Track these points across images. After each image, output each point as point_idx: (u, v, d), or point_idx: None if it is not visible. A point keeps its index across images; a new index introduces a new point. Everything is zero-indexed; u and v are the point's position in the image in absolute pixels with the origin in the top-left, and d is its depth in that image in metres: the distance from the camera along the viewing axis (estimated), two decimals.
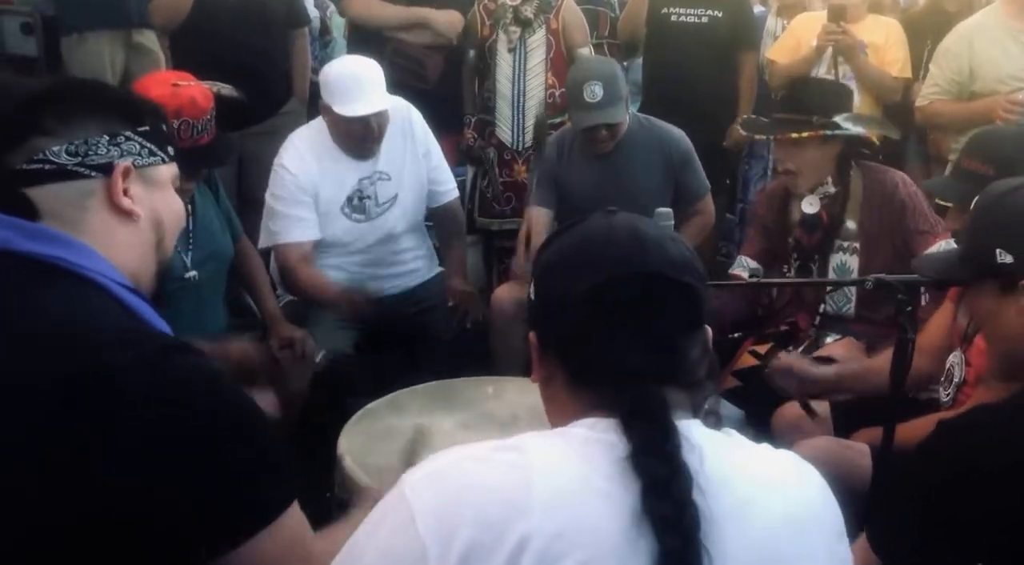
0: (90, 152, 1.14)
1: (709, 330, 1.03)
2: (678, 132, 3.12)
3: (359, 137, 2.87)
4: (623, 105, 2.98)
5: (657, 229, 1.05)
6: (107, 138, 1.15)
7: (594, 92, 2.87)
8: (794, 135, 2.53)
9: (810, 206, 2.60)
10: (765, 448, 1.02)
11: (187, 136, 2.33)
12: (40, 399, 0.98)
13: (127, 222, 1.17)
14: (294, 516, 1.08)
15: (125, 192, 1.16)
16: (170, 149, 1.23)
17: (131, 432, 0.97)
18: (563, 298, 1.00)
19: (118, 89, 1.28)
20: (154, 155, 1.20)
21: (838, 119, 2.54)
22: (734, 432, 1.01)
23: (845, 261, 2.61)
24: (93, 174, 1.14)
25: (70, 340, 1.03)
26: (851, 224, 2.59)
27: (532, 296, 1.06)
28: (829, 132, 2.52)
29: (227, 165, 2.61)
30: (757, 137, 2.70)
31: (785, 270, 2.71)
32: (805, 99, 2.65)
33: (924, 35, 3.51)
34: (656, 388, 0.95)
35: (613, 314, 0.97)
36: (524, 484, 0.89)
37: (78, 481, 0.96)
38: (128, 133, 1.17)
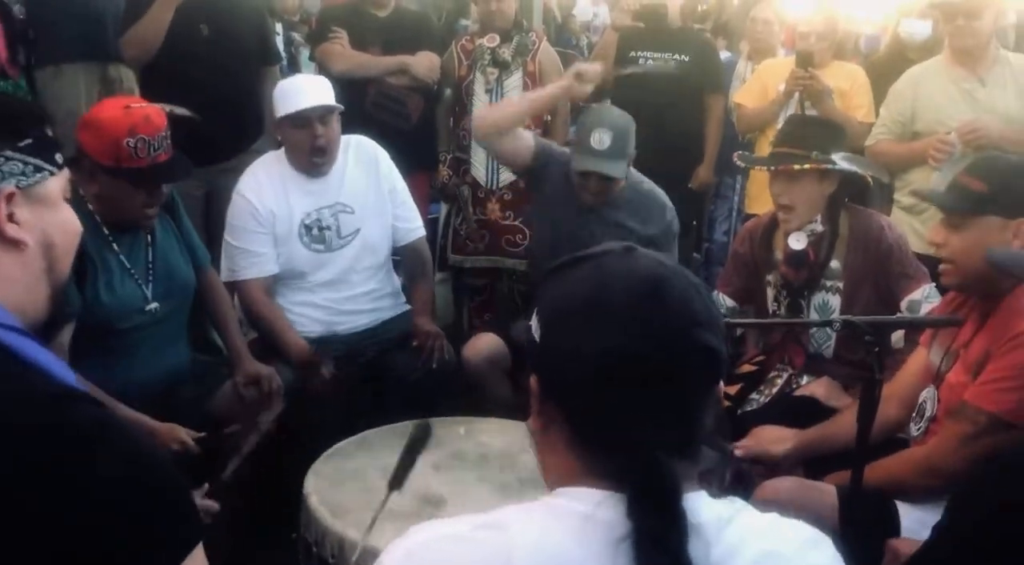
0: None
1: (721, 387, 0.96)
2: (667, 204, 3.03)
3: (306, 146, 2.87)
4: (625, 163, 2.91)
5: (681, 278, 0.93)
6: None
7: (602, 140, 2.80)
8: (796, 167, 2.52)
9: (796, 242, 2.59)
10: (773, 517, 0.96)
11: (144, 154, 2.31)
12: None
13: (12, 252, 1.04)
14: (195, 561, 0.96)
15: (11, 218, 1.03)
16: (58, 156, 1.10)
17: (21, 491, 0.88)
18: (574, 353, 0.90)
19: None
20: (40, 170, 1.06)
21: (835, 157, 2.55)
22: (738, 500, 0.96)
23: (827, 300, 2.61)
24: None
25: None
26: (836, 264, 2.60)
27: (537, 339, 0.95)
28: (829, 166, 2.52)
29: (185, 179, 2.58)
30: (756, 169, 2.66)
31: (775, 307, 2.70)
32: (803, 134, 2.65)
33: (887, 80, 3.59)
34: (667, 462, 0.86)
35: (628, 378, 0.87)
36: None
37: None
38: (8, 152, 1.04)
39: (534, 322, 0.96)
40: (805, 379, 2.65)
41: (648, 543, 0.82)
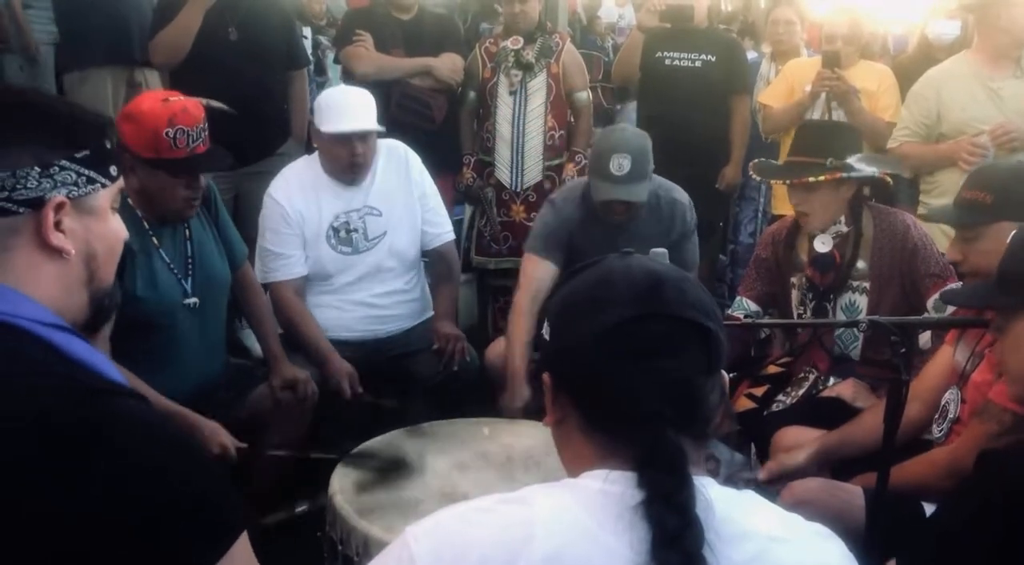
0: (18, 186, 1.02)
1: (725, 376, 1.02)
2: (685, 202, 2.99)
3: (345, 161, 2.91)
4: (647, 183, 2.82)
5: (675, 271, 1.02)
6: (39, 170, 1.03)
7: (621, 165, 2.72)
8: (811, 179, 2.51)
9: (822, 245, 2.58)
10: (787, 512, 0.99)
11: (184, 144, 2.33)
12: None
13: (56, 259, 1.06)
14: (239, 555, 0.98)
15: (57, 226, 1.05)
16: (113, 169, 1.12)
17: (63, 483, 0.89)
18: (579, 338, 0.97)
19: (58, 105, 1.12)
20: (93, 182, 1.08)
21: (851, 161, 2.53)
22: (750, 492, 1.00)
23: (855, 300, 2.60)
24: (21, 210, 1.03)
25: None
26: (861, 264, 2.59)
27: (546, 336, 1.03)
28: (844, 175, 2.51)
29: (224, 168, 2.65)
30: (773, 182, 2.69)
31: (801, 310, 2.68)
32: (816, 142, 2.63)
33: (914, 81, 3.56)
34: (672, 435, 0.92)
35: (630, 356, 0.94)
36: (526, 537, 0.88)
37: (14, 531, 0.89)
38: (64, 162, 1.05)
39: (545, 326, 1.04)
40: (832, 380, 2.63)
41: (658, 503, 0.88)
